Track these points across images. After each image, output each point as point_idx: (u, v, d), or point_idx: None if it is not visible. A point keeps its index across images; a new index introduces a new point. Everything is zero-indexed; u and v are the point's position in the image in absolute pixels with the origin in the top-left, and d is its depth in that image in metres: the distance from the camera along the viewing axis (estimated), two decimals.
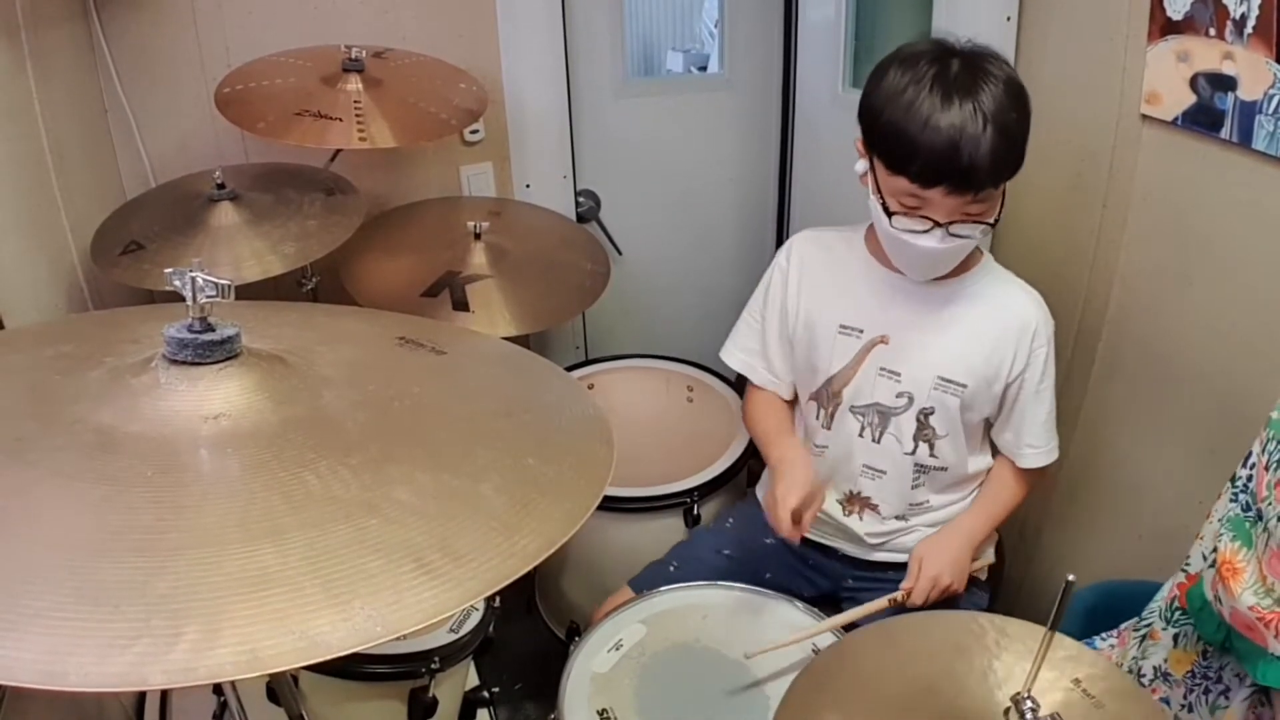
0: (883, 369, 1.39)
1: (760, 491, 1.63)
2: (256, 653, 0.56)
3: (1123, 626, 1.19)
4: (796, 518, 1.32)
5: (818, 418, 1.47)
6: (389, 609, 0.60)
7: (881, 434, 1.42)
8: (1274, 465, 0.91)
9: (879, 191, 1.28)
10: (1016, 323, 1.36)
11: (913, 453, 1.41)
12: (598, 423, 0.90)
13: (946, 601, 1.38)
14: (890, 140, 1.22)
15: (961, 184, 1.19)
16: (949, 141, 1.16)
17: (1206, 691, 1.03)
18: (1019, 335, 1.36)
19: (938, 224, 1.24)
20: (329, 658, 0.57)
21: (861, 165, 1.31)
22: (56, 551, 0.61)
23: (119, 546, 0.62)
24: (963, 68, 1.20)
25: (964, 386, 1.36)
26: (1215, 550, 0.95)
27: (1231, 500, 0.97)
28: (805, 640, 1.28)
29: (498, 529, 0.70)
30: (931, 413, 1.38)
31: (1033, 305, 1.38)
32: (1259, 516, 0.92)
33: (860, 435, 1.43)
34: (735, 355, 1.57)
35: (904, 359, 1.38)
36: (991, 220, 1.26)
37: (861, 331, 1.40)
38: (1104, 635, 1.22)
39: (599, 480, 0.80)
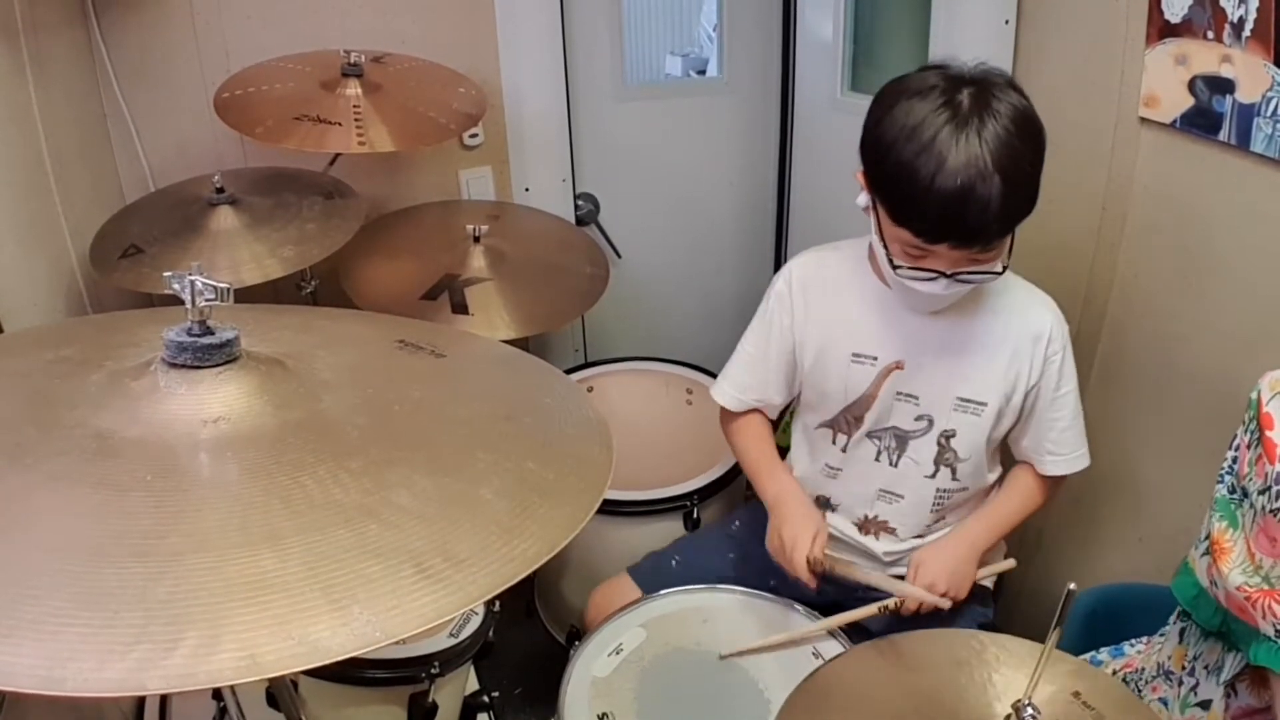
0: (900, 393, 1.35)
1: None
2: (255, 657, 0.56)
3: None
4: (814, 565, 1.31)
5: (834, 442, 1.43)
6: (388, 614, 0.60)
7: (899, 457, 1.38)
8: (1253, 443, 0.91)
9: (881, 235, 1.22)
10: (1030, 331, 1.32)
11: (933, 476, 1.38)
12: (597, 426, 0.89)
13: (947, 613, 1.34)
14: (894, 190, 1.15)
15: (969, 240, 1.14)
16: (956, 197, 1.09)
17: (1180, 684, 1.03)
18: (1034, 344, 1.32)
19: (943, 274, 1.19)
20: (328, 662, 0.57)
21: (864, 199, 1.24)
22: (55, 556, 0.61)
23: (118, 551, 0.62)
24: (971, 106, 1.11)
25: (984, 404, 1.33)
26: (1207, 537, 0.95)
27: (1219, 483, 0.97)
28: (785, 643, 1.28)
29: (497, 533, 0.69)
30: (953, 435, 1.35)
31: (1046, 311, 1.34)
32: (1244, 495, 0.93)
33: (877, 459, 1.39)
34: (727, 392, 1.49)
35: (921, 382, 1.34)
36: (999, 268, 1.20)
37: (875, 359, 1.35)
38: (1132, 641, 1.22)
39: (598, 484, 0.80)
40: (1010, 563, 1.43)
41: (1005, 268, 1.21)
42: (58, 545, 0.62)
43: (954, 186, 1.09)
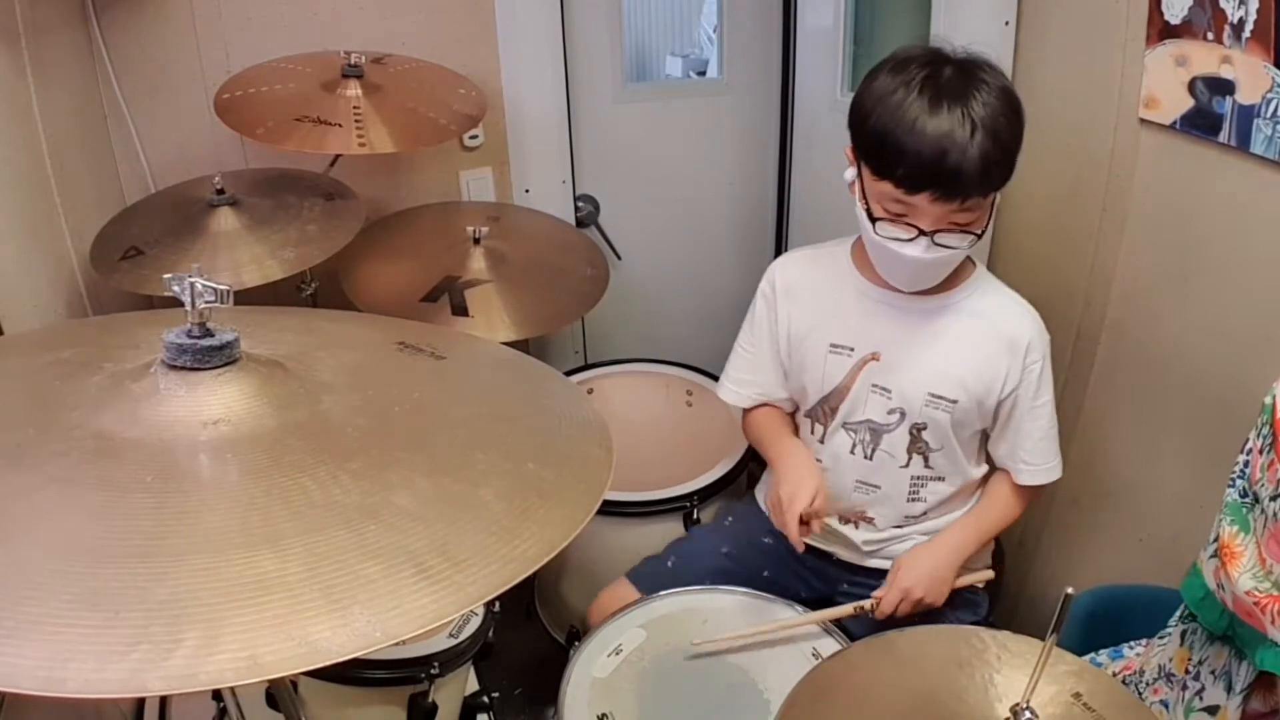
0: (874, 385, 1.38)
1: (760, 494, 1.63)
2: (256, 658, 0.56)
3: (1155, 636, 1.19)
4: (804, 521, 1.32)
5: (813, 433, 1.46)
6: (388, 614, 0.60)
7: (874, 450, 1.41)
8: (1266, 448, 0.91)
9: (865, 197, 1.26)
10: (1008, 337, 1.34)
11: (907, 465, 1.40)
12: (597, 427, 0.90)
13: (926, 615, 1.36)
14: (877, 143, 1.20)
15: (948, 190, 1.17)
16: (936, 145, 1.14)
17: (1184, 688, 1.03)
18: (1011, 350, 1.34)
19: (923, 232, 1.22)
20: (329, 663, 0.57)
21: (850, 173, 1.29)
22: (56, 557, 0.61)
23: (118, 552, 0.62)
24: (955, 74, 1.18)
25: (955, 402, 1.35)
26: (1216, 540, 0.95)
27: (1230, 487, 0.97)
28: (752, 636, 1.29)
29: (497, 533, 0.70)
30: (924, 428, 1.37)
31: (1026, 319, 1.36)
32: (1255, 500, 0.92)
33: (852, 452, 1.42)
34: (729, 389, 1.54)
35: (895, 375, 1.37)
36: (979, 231, 1.24)
37: (852, 350, 1.38)
38: (1132, 644, 1.22)
39: (599, 484, 0.80)
40: (988, 574, 1.44)
41: (983, 233, 1.25)
42: (58, 546, 0.62)
43: (936, 132, 1.14)
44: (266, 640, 0.57)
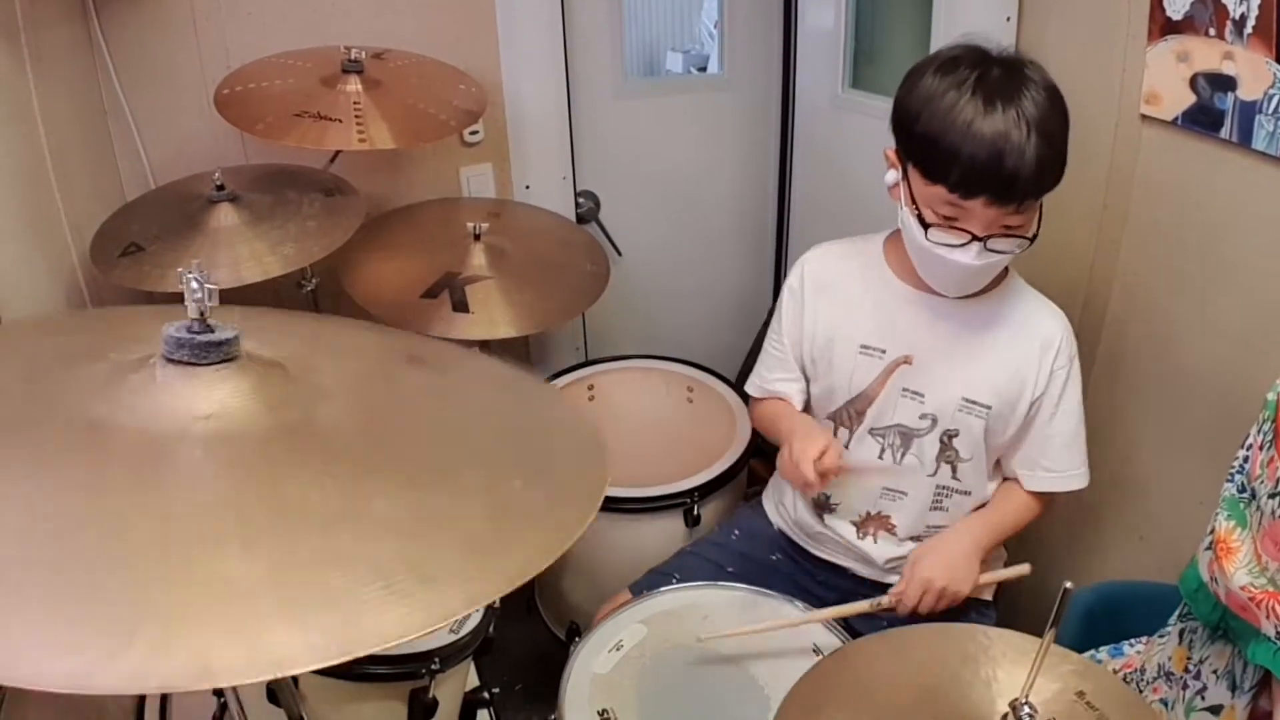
0: (906, 390, 1.35)
1: (768, 501, 1.60)
2: (208, 665, 0.54)
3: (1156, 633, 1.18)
4: (820, 470, 1.29)
5: (835, 435, 1.42)
6: (347, 627, 0.58)
7: (903, 455, 1.38)
8: (1267, 444, 0.91)
9: (914, 202, 1.22)
10: (1040, 341, 1.32)
11: (934, 474, 1.38)
12: (594, 452, 0.87)
13: (950, 613, 1.33)
14: (929, 146, 1.17)
15: (1004, 194, 1.14)
16: (992, 148, 1.12)
17: (1185, 687, 1.03)
18: (1041, 354, 1.32)
19: (975, 238, 1.19)
20: (283, 675, 0.55)
21: (892, 176, 1.26)
22: (13, 544, 0.60)
23: (80, 542, 0.61)
24: (1003, 73, 1.16)
25: (988, 408, 1.32)
26: (1212, 532, 0.95)
27: (1228, 481, 0.97)
28: (762, 631, 1.28)
29: (475, 550, 0.68)
30: (955, 435, 1.35)
31: (1058, 324, 1.34)
32: (1252, 495, 0.92)
33: (880, 457, 1.39)
34: (754, 384, 1.53)
35: (928, 380, 1.34)
36: (1030, 235, 1.22)
37: (884, 351, 1.35)
38: (1132, 641, 1.22)
39: (585, 510, 0.77)
40: (1024, 568, 1.36)
41: (1035, 237, 1.22)
42: (20, 532, 0.61)
43: (992, 135, 1.12)
44: (220, 645, 0.55)
